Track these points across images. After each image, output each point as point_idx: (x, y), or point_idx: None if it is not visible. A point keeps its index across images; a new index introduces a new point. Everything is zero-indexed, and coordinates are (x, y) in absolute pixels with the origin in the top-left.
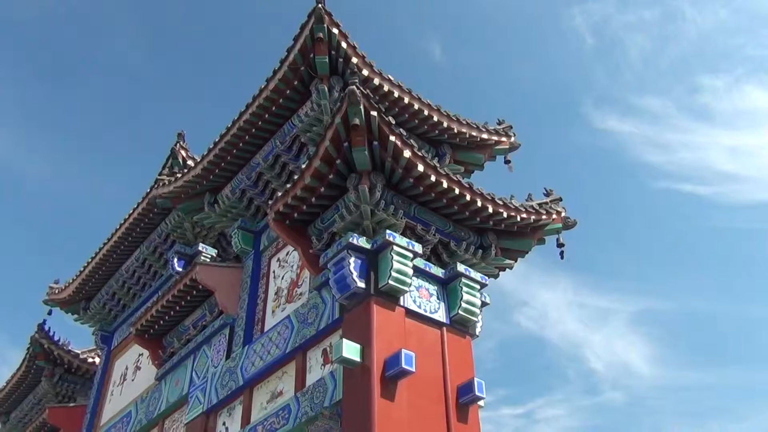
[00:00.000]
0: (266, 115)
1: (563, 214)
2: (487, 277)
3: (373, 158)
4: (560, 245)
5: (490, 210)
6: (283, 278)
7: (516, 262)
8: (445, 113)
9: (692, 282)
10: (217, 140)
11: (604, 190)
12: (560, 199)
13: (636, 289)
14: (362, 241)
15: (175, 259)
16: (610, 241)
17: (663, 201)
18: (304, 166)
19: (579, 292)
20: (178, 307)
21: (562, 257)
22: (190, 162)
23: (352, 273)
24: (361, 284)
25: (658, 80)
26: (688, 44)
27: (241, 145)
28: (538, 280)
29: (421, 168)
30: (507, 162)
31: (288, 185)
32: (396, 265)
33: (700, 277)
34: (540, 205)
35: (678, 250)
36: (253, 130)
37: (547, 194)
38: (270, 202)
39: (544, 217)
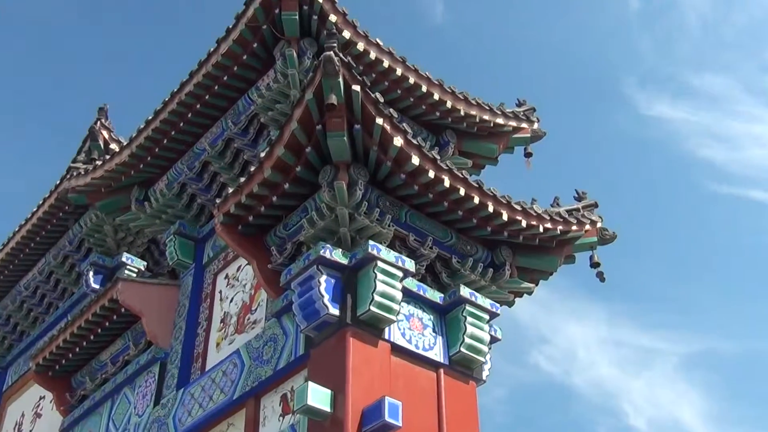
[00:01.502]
0: (215, 87)
1: (599, 225)
2: (498, 305)
3: (354, 146)
4: (595, 264)
5: (505, 217)
6: (232, 301)
7: (537, 285)
8: (449, 90)
9: (762, 317)
10: (150, 118)
11: (650, 194)
12: (596, 205)
13: (689, 324)
14: (337, 255)
15: (91, 273)
16: (658, 261)
17: (726, 211)
18: (263, 155)
19: (616, 327)
20: (92, 336)
21: (601, 279)
22: (113, 146)
23: (322, 296)
24: (335, 311)
25: (722, 54)
26: (761, 9)
27: (181, 125)
28: (564, 310)
29: (416, 160)
30: (528, 155)
31: (242, 179)
32: (380, 287)
33: None
34: (570, 212)
35: (745, 275)
36: (198, 106)
37: (579, 198)
38: (218, 201)
39: (574, 228)
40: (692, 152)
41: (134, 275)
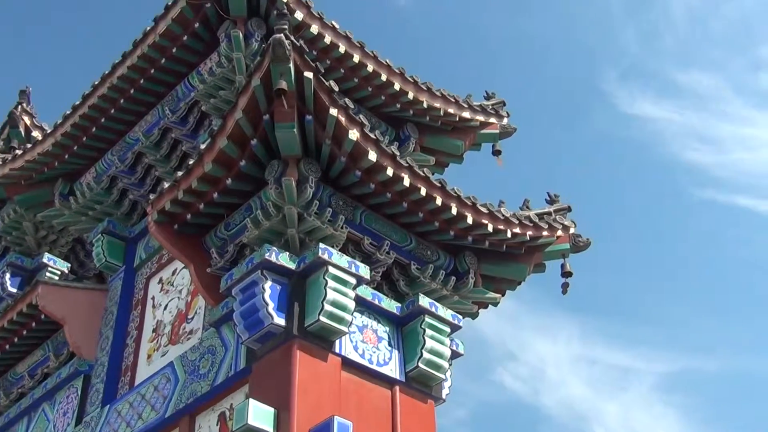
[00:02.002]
0: (152, 70)
1: (572, 231)
2: (461, 317)
3: (305, 140)
4: (566, 274)
5: (470, 220)
6: (166, 308)
7: (503, 296)
8: (411, 79)
9: (747, 334)
10: (77, 103)
11: (629, 199)
12: (569, 209)
13: (668, 341)
14: (284, 259)
15: (8, 275)
16: (636, 272)
17: (711, 218)
18: (203, 147)
19: (589, 344)
20: (8, 346)
21: (563, 291)
22: (36, 133)
23: (266, 304)
24: (280, 321)
25: (710, 50)
26: (752, 1)
27: (112, 111)
28: (533, 324)
29: (373, 156)
30: (496, 153)
31: (179, 173)
32: (331, 295)
33: (759, 327)
34: (540, 216)
35: (730, 288)
36: (132, 91)
37: (551, 201)
38: (152, 197)
39: (545, 233)
40: (676, 155)
41: (56, 278)
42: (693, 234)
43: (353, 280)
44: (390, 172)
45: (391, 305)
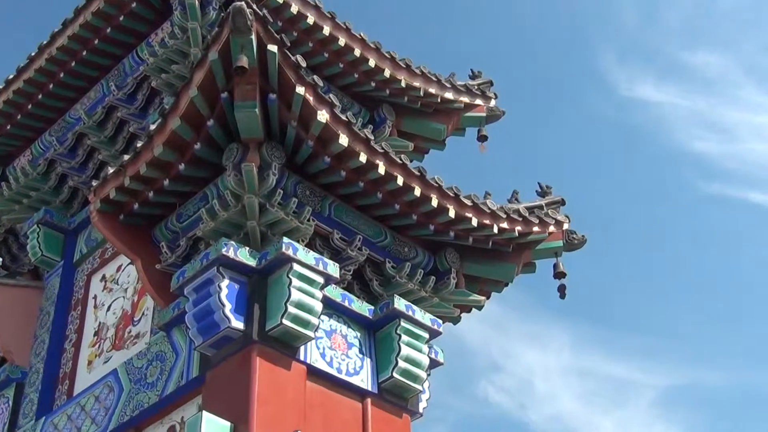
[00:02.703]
0: (95, 41)
1: (566, 227)
2: (441, 322)
3: (268, 121)
4: (559, 275)
5: (452, 213)
6: (109, 309)
7: (488, 299)
8: (388, 55)
9: (760, 344)
10: (11, 77)
11: (629, 192)
12: (562, 203)
13: (670, 352)
14: (243, 255)
15: None
16: (636, 274)
17: (720, 216)
18: (153, 127)
19: (582, 354)
20: None
21: (561, 295)
22: None
23: (223, 305)
24: (238, 324)
25: (719, 28)
26: None
27: (51, 87)
28: (520, 331)
29: (344, 140)
30: (482, 138)
31: (126, 157)
32: (296, 296)
33: None
34: (531, 210)
35: (740, 293)
36: (73, 64)
37: (543, 194)
38: (95, 184)
39: (536, 229)
40: (681, 144)
41: None
42: (699, 233)
43: (321, 279)
44: (363, 158)
45: (362, 308)
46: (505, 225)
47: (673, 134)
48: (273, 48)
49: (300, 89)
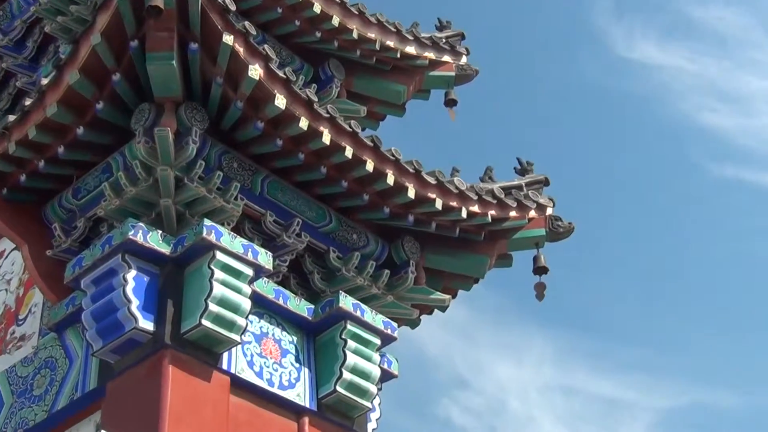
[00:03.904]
0: None
1: (549, 212)
2: (396, 325)
3: (188, 76)
4: (540, 270)
5: (412, 193)
6: None
7: (454, 298)
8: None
9: None
10: None
11: (625, 173)
12: (546, 183)
13: (672, 367)
14: (154, 240)
15: None
16: (633, 273)
17: (732, 202)
18: (46, 82)
19: (567, 368)
20: None
21: (539, 296)
22: None
23: (129, 301)
24: (147, 324)
25: None
26: None
27: None
28: (492, 339)
29: (281, 102)
30: (450, 103)
31: (11, 117)
32: (218, 291)
33: None
34: (508, 190)
35: (756, 299)
36: None
37: (523, 171)
38: None
39: (513, 214)
40: (688, 116)
41: None
42: (709, 224)
43: (250, 271)
44: (304, 124)
45: (300, 307)
46: (475, 208)
47: (678, 104)
48: None
49: (228, 38)
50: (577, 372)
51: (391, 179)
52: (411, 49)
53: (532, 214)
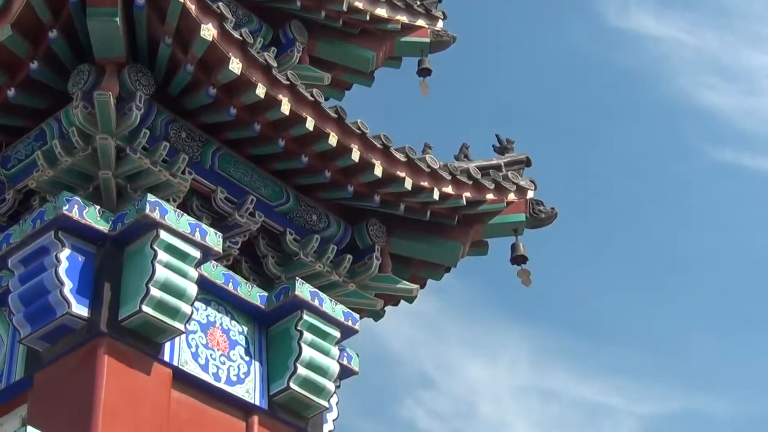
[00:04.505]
0: None
1: (530, 195)
2: (358, 317)
3: (134, 35)
4: (518, 259)
5: (378, 171)
6: None
7: (422, 288)
8: None
9: None
10: None
11: (615, 155)
12: (527, 163)
13: (661, 370)
14: (91, 216)
15: None
16: (620, 266)
17: (731, 190)
18: None
19: (545, 369)
20: None
21: (525, 281)
22: None
23: (61, 284)
24: (81, 310)
25: None
26: None
27: None
28: (463, 334)
29: (236, 66)
30: (424, 72)
31: None
32: (162, 274)
33: None
34: (485, 170)
35: (755, 297)
36: None
37: (502, 150)
38: None
39: (490, 196)
40: (685, 94)
41: None
42: (705, 214)
43: (197, 254)
44: (261, 91)
45: (252, 294)
46: (449, 189)
47: (674, 81)
48: None
49: None
50: (556, 374)
51: (356, 155)
52: (382, 12)
53: (512, 197)
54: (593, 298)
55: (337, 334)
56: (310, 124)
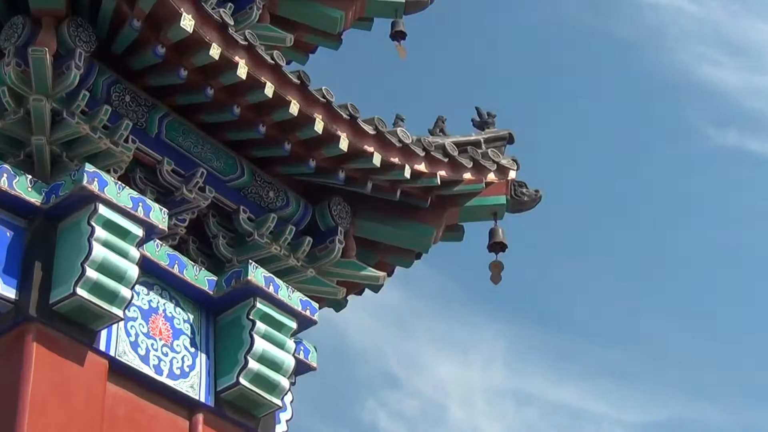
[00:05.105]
0: None
1: (512, 176)
2: (316, 306)
3: None
4: (496, 246)
5: (344, 145)
6: None
7: (389, 276)
8: None
9: None
10: None
11: (606, 136)
12: (509, 140)
13: (652, 373)
14: (21, 186)
15: None
16: (608, 258)
17: (735, 177)
18: None
19: (523, 369)
20: None
21: (495, 277)
22: None
23: None
24: (8, 291)
25: None
26: None
27: None
28: (432, 329)
29: (188, 23)
30: (397, 35)
31: None
32: (99, 253)
33: None
34: (462, 146)
35: (757, 297)
36: None
37: (482, 124)
38: None
39: (467, 175)
40: (686, 69)
41: None
42: (704, 201)
43: (139, 231)
44: (215, 52)
45: (200, 278)
46: (422, 167)
47: (675, 54)
48: None
49: None
50: (533, 375)
51: (319, 126)
52: None
53: (491, 177)
54: (577, 292)
55: (293, 324)
56: (269, 90)
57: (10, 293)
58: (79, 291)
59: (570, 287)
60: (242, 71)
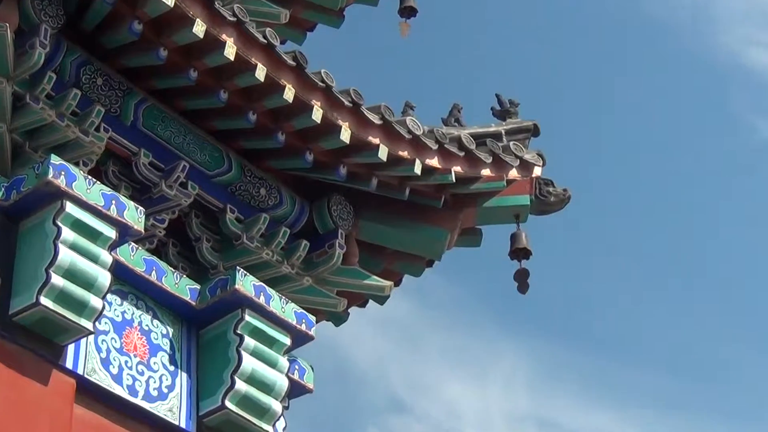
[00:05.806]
0: None
1: (537, 173)
2: (313, 319)
3: None
4: (520, 253)
5: (346, 136)
6: None
7: (397, 285)
8: None
9: None
10: None
11: (642, 125)
12: (534, 132)
13: (696, 398)
14: None
15: None
16: (645, 265)
17: None
18: None
19: (546, 393)
20: None
21: (522, 287)
22: None
23: None
24: None
25: None
26: None
27: None
28: (443, 346)
29: None
30: (406, 12)
31: None
32: (67, 257)
33: None
34: (481, 139)
35: None
36: None
37: (503, 114)
38: None
39: (486, 172)
40: (731, 54)
41: None
42: (752, 203)
43: (112, 233)
44: (199, 29)
45: (181, 286)
46: (434, 162)
47: (719, 37)
48: None
49: None
50: (559, 399)
51: (317, 114)
52: None
53: (513, 174)
54: (610, 304)
55: (287, 340)
56: (260, 72)
57: None
58: (43, 300)
59: (601, 299)
60: (230, 51)
